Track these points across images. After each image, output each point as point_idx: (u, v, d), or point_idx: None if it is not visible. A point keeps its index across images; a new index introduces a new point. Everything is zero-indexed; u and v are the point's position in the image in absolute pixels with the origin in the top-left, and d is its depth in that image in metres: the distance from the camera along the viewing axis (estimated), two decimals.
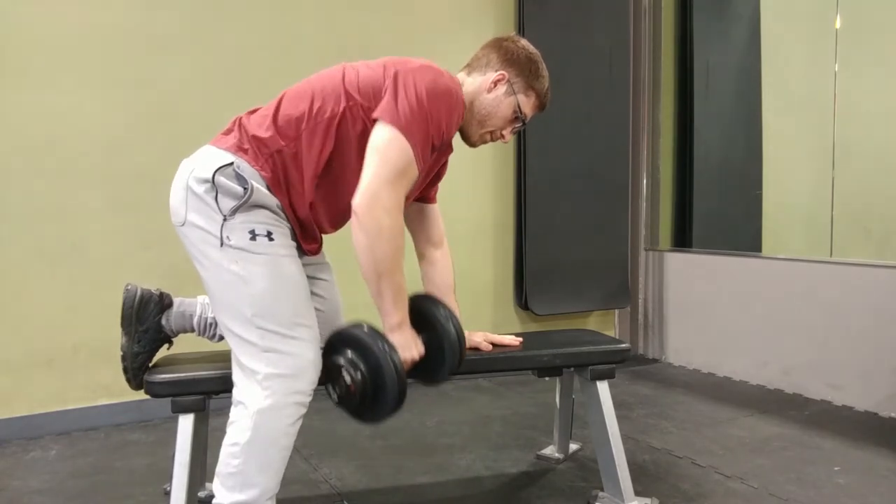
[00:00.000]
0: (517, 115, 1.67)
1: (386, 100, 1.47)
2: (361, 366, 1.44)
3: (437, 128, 1.50)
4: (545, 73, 1.69)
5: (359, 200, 1.42)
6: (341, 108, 1.49)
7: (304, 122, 1.49)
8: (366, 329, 1.47)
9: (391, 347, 1.45)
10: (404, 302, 1.51)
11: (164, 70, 2.73)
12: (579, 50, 3.57)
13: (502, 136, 1.71)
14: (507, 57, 1.65)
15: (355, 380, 1.44)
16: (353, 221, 1.44)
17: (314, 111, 1.49)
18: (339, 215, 1.61)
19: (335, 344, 1.51)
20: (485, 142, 1.72)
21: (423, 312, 1.59)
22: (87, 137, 2.61)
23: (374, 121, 1.47)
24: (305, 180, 1.51)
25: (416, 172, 1.47)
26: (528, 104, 1.68)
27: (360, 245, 1.43)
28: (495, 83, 1.64)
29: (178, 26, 2.75)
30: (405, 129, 1.44)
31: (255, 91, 2.84)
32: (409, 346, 1.52)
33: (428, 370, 1.60)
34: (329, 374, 1.49)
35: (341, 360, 1.46)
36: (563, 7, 3.52)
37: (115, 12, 2.63)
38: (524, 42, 1.69)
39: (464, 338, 1.60)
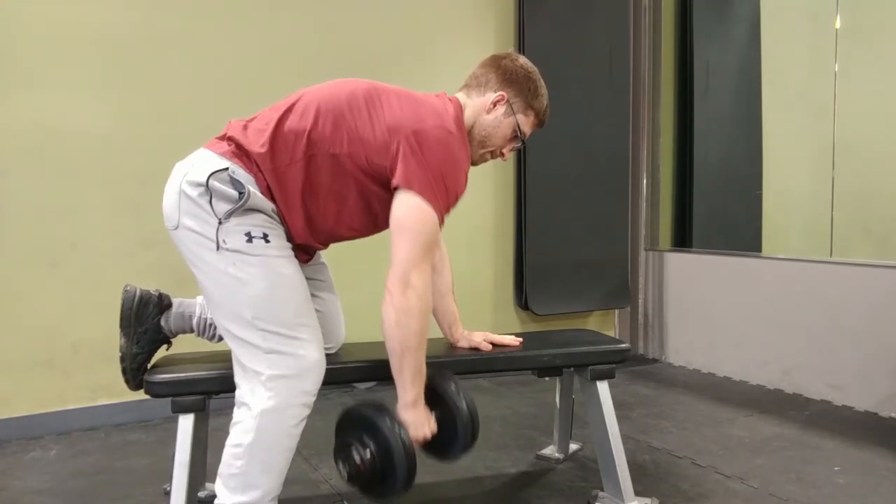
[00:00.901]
0: (516, 135, 1.67)
1: (408, 167, 1.45)
2: (371, 445, 1.45)
3: (455, 197, 1.52)
4: (544, 90, 1.68)
5: (392, 281, 1.44)
6: (341, 151, 1.48)
7: (300, 148, 1.47)
8: (375, 408, 1.48)
9: (401, 426, 1.46)
10: (422, 380, 1.52)
11: (165, 70, 2.73)
12: (579, 50, 3.57)
13: (502, 155, 1.71)
14: (506, 77, 1.64)
15: (364, 459, 1.45)
16: (385, 298, 1.45)
17: (313, 138, 1.47)
18: (329, 236, 1.61)
19: (345, 422, 1.52)
20: (484, 160, 1.72)
21: (436, 389, 1.59)
22: (87, 137, 2.61)
23: (395, 187, 1.47)
24: (297, 206, 1.50)
25: (439, 241, 1.49)
26: (527, 123, 1.68)
27: (389, 321, 1.45)
28: (494, 104, 1.63)
29: (178, 27, 2.75)
30: (432, 201, 1.45)
31: (254, 91, 2.86)
32: (421, 425, 1.52)
33: (440, 447, 1.61)
34: (339, 451, 1.51)
35: (351, 439, 1.48)
36: (563, 7, 3.52)
37: (115, 12, 2.63)
38: (522, 60, 1.68)
39: (476, 414, 1.59)
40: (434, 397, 1.58)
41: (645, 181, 3.87)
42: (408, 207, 1.45)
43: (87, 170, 2.62)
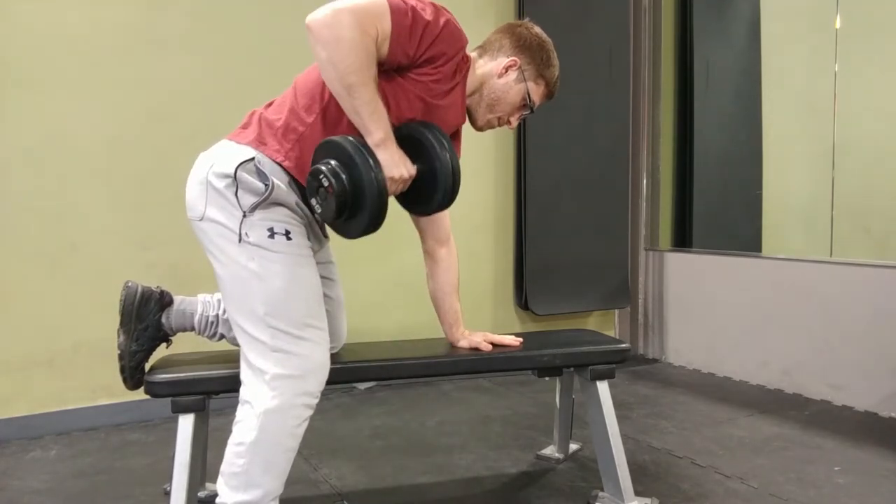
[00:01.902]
0: (526, 103, 1.66)
1: None
2: (342, 175, 1.38)
3: (432, 31, 1.44)
4: (556, 61, 1.68)
5: (311, 16, 1.36)
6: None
7: (317, 101, 1.48)
8: (352, 140, 1.41)
9: (376, 162, 1.39)
10: (383, 118, 1.43)
11: (165, 70, 2.73)
12: (579, 50, 3.57)
13: (509, 122, 1.70)
14: (520, 43, 1.64)
15: (334, 186, 1.38)
16: (309, 39, 1.37)
17: (325, 88, 1.47)
18: None
19: (320, 153, 1.44)
20: (491, 126, 1.71)
21: (417, 138, 1.49)
22: (87, 137, 2.61)
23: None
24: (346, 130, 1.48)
25: (387, 27, 1.38)
26: (537, 92, 1.68)
27: (319, 61, 1.39)
28: (506, 69, 1.63)
29: (178, 26, 2.75)
30: (392, 2, 1.39)
31: (254, 91, 2.84)
32: (396, 164, 1.43)
33: (421, 198, 1.54)
34: (310, 184, 1.43)
35: (323, 168, 1.40)
36: (563, 7, 3.52)
37: (115, 12, 2.63)
38: (537, 29, 1.69)
39: (457, 164, 1.50)
40: (413, 146, 1.49)
41: (645, 181, 3.87)
42: None
43: (87, 170, 2.62)
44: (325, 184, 1.39)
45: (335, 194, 1.38)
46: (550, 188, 3.53)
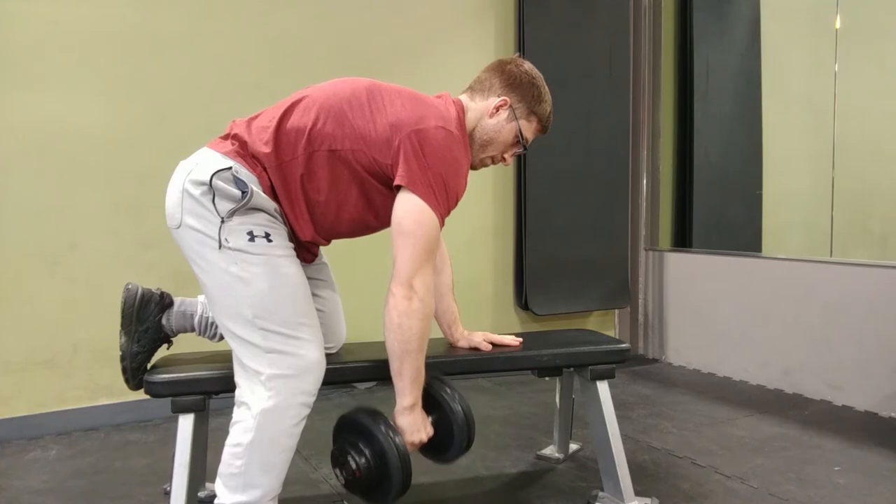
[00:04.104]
0: (518, 140, 1.67)
1: (410, 167, 1.45)
2: (366, 451, 1.46)
3: (455, 199, 1.52)
4: (548, 97, 1.68)
5: (395, 284, 1.45)
6: (342, 147, 1.48)
7: (301, 144, 1.48)
8: (370, 414, 1.49)
9: (395, 432, 1.46)
10: (421, 384, 1.52)
11: (165, 70, 2.73)
12: (579, 50, 3.57)
13: (503, 160, 1.72)
14: (510, 81, 1.64)
15: (360, 465, 1.46)
16: (388, 301, 1.46)
17: (314, 135, 1.48)
18: (333, 233, 1.61)
19: (341, 428, 1.53)
20: (485, 165, 1.72)
21: (431, 392, 1.59)
22: (87, 137, 2.61)
23: (397, 186, 1.47)
24: (299, 201, 1.51)
25: (440, 242, 1.50)
26: (529, 129, 1.68)
27: (391, 323, 1.46)
28: (497, 109, 1.63)
29: (178, 27, 2.75)
30: (433, 203, 1.45)
31: (254, 92, 2.87)
32: (418, 429, 1.52)
33: (437, 449, 1.62)
34: (336, 458, 1.51)
35: (347, 446, 1.49)
36: (563, 7, 3.52)
37: (115, 12, 2.63)
38: (527, 66, 1.68)
39: (472, 416, 1.60)
40: (430, 401, 1.58)
41: (645, 181, 3.87)
42: (409, 209, 1.45)
43: (87, 170, 2.62)
44: (353, 467, 1.46)
45: (363, 476, 1.46)
46: (550, 188, 3.53)
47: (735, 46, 4.08)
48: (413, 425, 1.51)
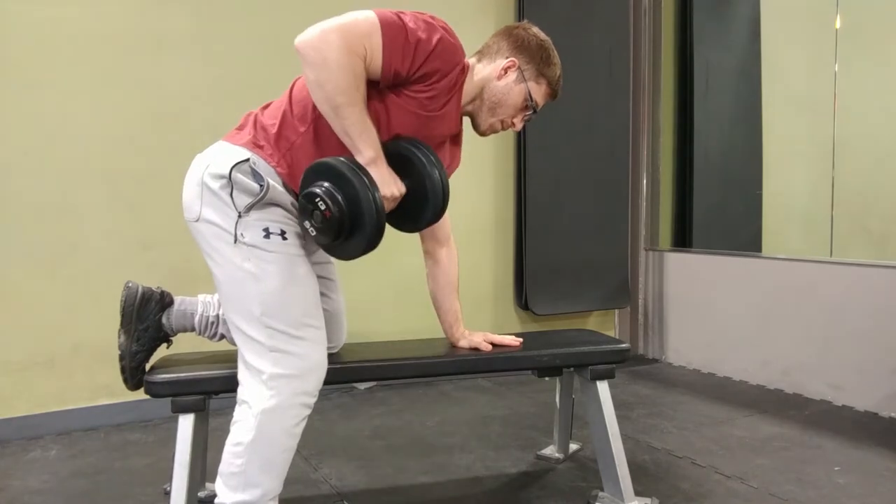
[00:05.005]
0: (528, 103, 1.65)
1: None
2: (339, 196, 1.38)
3: (425, 48, 1.44)
4: (557, 60, 1.67)
5: (299, 37, 1.37)
6: None
7: (309, 114, 1.49)
8: (345, 160, 1.41)
9: (371, 181, 1.40)
10: (373, 137, 1.44)
11: (165, 70, 2.73)
12: (579, 50, 3.57)
13: (513, 125, 1.69)
14: (518, 44, 1.63)
15: (331, 209, 1.38)
16: (301, 60, 1.38)
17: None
18: None
19: (312, 175, 1.44)
20: (494, 130, 1.70)
21: (402, 154, 1.50)
22: (88, 137, 2.61)
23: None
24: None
25: (377, 45, 1.39)
26: (539, 92, 1.66)
27: (308, 81, 1.40)
28: (505, 70, 1.62)
29: (178, 26, 2.75)
30: (383, 19, 1.40)
31: (255, 91, 2.85)
32: (387, 182, 1.45)
33: (410, 215, 1.55)
34: (304, 208, 1.43)
35: (318, 191, 1.40)
36: (563, 7, 3.52)
37: (115, 12, 2.63)
38: (535, 29, 1.68)
39: (446, 179, 1.51)
40: (400, 164, 1.50)
41: (645, 181, 3.87)
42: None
43: (87, 170, 2.62)
44: (322, 207, 1.38)
45: (332, 217, 1.38)
46: (550, 188, 3.53)
47: (735, 46, 4.08)
48: (382, 178, 1.44)
